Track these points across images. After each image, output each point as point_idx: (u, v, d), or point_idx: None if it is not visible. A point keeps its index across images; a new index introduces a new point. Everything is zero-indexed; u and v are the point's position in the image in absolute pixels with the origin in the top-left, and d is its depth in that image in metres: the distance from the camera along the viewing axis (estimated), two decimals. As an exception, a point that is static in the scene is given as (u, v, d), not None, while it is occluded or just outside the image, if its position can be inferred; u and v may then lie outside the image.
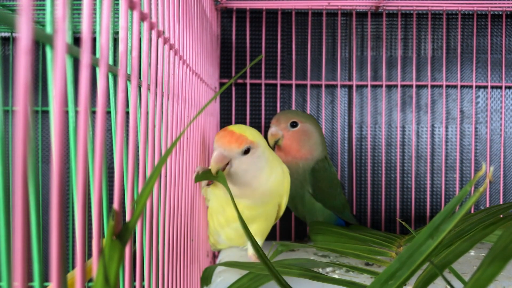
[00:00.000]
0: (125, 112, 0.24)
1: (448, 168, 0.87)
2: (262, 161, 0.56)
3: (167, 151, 0.23)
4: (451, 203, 0.28)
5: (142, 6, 0.29)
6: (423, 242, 0.28)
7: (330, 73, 0.87)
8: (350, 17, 0.86)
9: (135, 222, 0.22)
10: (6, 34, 0.83)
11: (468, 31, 0.87)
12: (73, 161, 0.22)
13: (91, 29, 0.20)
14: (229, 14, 0.86)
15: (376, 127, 0.87)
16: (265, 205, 0.60)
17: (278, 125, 0.72)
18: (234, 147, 0.52)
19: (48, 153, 0.84)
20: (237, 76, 0.25)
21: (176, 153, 0.41)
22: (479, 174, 0.25)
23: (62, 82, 0.17)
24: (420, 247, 0.28)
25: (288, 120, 0.72)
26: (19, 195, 0.15)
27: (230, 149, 0.52)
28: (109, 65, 0.26)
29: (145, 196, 0.22)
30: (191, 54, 0.49)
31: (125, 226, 0.22)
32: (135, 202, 0.22)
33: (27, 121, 0.15)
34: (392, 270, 0.28)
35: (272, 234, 0.85)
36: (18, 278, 0.16)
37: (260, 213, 0.60)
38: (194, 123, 0.52)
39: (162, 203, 0.36)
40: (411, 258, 0.28)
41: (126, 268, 0.26)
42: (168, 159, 0.38)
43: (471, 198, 0.25)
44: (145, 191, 0.22)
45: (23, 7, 0.15)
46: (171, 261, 0.39)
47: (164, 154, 0.22)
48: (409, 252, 0.28)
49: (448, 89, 0.87)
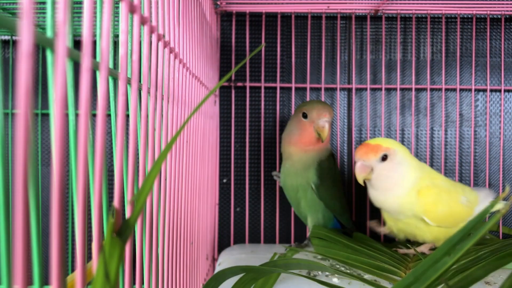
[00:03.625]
0: (125, 115, 0.24)
1: (448, 171, 0.87)
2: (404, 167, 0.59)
3: (167, 145, 0.23)
4: (471, 222, 0.28)
5: (143, 10, 0.29)
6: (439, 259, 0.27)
7: (329, 76, 0.87)
8: (349, 20, 0.87)
9: (135, 219, 0.22)
10: (6, 37, 0.84)
11: (467, 35, 0.87)
12: (73, 164, 0.22)
13: (91, 33, 0.20)
14: (229, 17, 0.86)
15: (375, 130, 0.87)
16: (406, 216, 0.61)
17: (330, 117, 0.69)
18: (371, 155, 0.58)
19: (48, 156, 0.84)
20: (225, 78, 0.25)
21: (176, 155, 0.41)
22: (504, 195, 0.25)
23: (62, 86, 0.18)
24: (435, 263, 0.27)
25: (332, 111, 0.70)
26: (20, 197, 0.15)
27: (368, 158, 0.59)
28: (110, 68, 0.26)
29: (145, 192, 0.22)
30: (191, 57, 0.49)
31: (125, 222, 0.22)
32: (135, 197, 0.22)
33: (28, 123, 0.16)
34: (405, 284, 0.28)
35: (272, 236, 0.85)
36: (18, 281, 0.16)
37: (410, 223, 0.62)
38: (194, 126, 0.52)
39: (162, 205, 0.36)
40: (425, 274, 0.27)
41: (126, 268, 0.26)
42: (168, 161, 0.38)
43: (492, 219, 0.25)
44: (145, 186, 0.22)
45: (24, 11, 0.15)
46: (171, 263, 0.39)
47: (164, 149, 0.23)
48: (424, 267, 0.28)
49: (447, 92, 0.87)
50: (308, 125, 0.69)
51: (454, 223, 0.62)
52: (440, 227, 0.61)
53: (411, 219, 0.61)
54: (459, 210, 0.62)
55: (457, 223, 0.62)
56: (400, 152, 0.60)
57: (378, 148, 0.59)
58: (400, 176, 0.59)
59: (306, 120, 0.69)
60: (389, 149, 0.59)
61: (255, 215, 0.86)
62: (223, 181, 0.86)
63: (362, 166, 0.59)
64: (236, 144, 0.86)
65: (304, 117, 0.69)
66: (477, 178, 0.87)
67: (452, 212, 0.61)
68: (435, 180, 0.62)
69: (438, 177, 0.63)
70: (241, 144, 0.86)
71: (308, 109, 0.69)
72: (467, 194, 0.64)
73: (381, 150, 0.59)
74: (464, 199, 0.63)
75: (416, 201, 0.60)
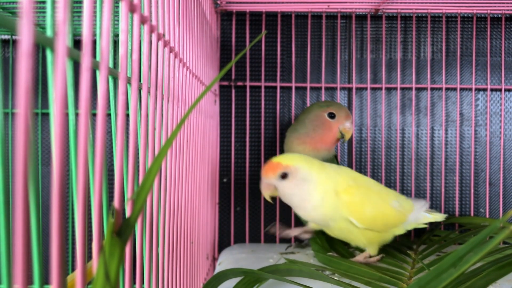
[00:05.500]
0: (125, 114, 0.24)
1: (448, 170, 0.87)
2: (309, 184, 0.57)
3: (167, 142, 0.23)
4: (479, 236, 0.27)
5: (143, 9, 0.29)
6: (445, 270, 0.27)
7: (329, 76, 0.87)
8: (349, 19, 0.87)
9: (135, 219, 0.22)
10: (6, 36, 0.84)
11: (467, 34, 0.87)
12: (74, 163, 0.22)
13: (91, 32, 0.20)
14: (229, 16, 0.86)
15: (375, 129, 0.87)
16: (335, 223, 0.59)
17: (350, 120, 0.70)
18: (270, 174, 0.58)
19: (48, 156, 0.84)
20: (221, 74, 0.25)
21: (176, 155, 0.41)
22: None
23: (62, 85, 0.18)
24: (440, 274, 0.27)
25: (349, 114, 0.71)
26: (20, 197, 0.15)
27: (268, 177, 0.58)
28: (110, 68, 0.26)
29: (146, 190, 0.22)
30: (191, 56, 0.49)
31: (125, 222, 0.22)
32: (135, 195, 0.22)
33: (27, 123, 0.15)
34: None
35: (272, 236, 0.85)
36: (18, 280, 0.16)
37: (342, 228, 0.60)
38: (194, 125, 0.52)
39: (162, 205, 0.36)
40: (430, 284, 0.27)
41: (126, 268, 0.26)
42: (168, 160, 0.38)
43: (499, 235, 0.24)
44: (146, 184, 0.22)
45: (24, 10, 0.15)
46: (171, 262, 0.39)
47: (164, 145, 0.22)
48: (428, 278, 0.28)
49: (448, 91, 0.87)
50: (334, 125, 0.70)
51: (385, 227, 0.60)
52: (373, 231, 0.59)
53: (341, 224, 0.58)
54: (389, 213, 0.59)
55: (389, 227, 0.60)
56: (304, 169, 0.57)
57: (277, 167, 0.57)
58: (305, 193, 0.57)
59: (333, 120, 0.70)
60: (288, 167, 0.57)
61: (255, 214, 0.86)
62: (223, 181, 0.86)
63: (264, 185, 0.59)
64: (236, 144, 0.86)
65: (331, 117, 0.70)
66: (478, 177, 0.87)
67: (382, 214, 0.59)
68: (359, 182, 0.60)
69: (364, 179, 0.61)
70: (241, 144, 0.86)
71: (336, 110, 0.70)
72: (400, 200, 0.62)
73: (279, 168, 0.57)
74: (396, 203, 0.60)
75: (339, 203, 0.57)
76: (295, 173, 0.57)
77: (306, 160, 0.59)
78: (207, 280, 0.47)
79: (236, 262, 0.66)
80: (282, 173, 0.57)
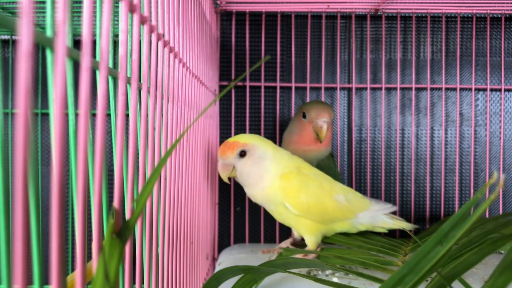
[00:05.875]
0: (125, 114, 0.24)
1: (448, 170, 0.87)
2: (266, 161, 0.58)
3: (167, 152, 0.23)
4: (461, 210, 0.27)
5: (142, 9, 0.29)
6: (432, 249, 0.27)
7: (329, 76, 0.87)
8: (349, 19, 0.87)
9: (135, 220, 0.22)
10: (6, 36, 0.84)
11: (467, 34, 0.87)
12: (73, 163, 0.22)
13: (91, 32, 0.20)
14: (229, 17, 0.86)
15: (375, 129, 0.87)
16: (276, 207, 0.60)
17: (330, 117, 0.69)
18: (229, 153, 0.58)
19: (48, 156, 0.84)
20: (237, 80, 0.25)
21: (176, 155, 0.41)
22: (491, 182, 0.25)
23: (62, 85, 0.18)
24: (428, 254, 0.27)
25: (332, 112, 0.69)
26: (19, 197, 0.15)
27: (226, 157, 0.58)
28: (109, 68, 0.26)
29: (146, 195, 0.22)
30: (191, 57, 0.49)
31: (125, 224, 0.22)
32: (135, 201, 0.22)
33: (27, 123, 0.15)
34: (400, 276, 0.28)
35: (272, 236, 0.85)
36: (18, 281, 0.16)
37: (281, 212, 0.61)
38: (194, 125, 0.52)
39: (162, 205, 0.36)
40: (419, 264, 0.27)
41: (126, 268, 0.26)
42: (168, 161, 0.38)
43: (481, 206, 0.25)
44: (146, 190, 0.22)
45: (24, 10, 0.15)
46: (171, 263, 0.39)
47: (164, 155, 0.22)
48: (417, 258, 0.28)
49: (448, 91, 0.87)
50: (307, 125, 0.70)
51: (323, 218, 0.59)
52: (312, 221, 0.59)
53: (279, 208, 0.59)
54: (330, 205, 0.59)
55: (330, 219, 0.60)
56: (261, 146, 0.58)
57: (235, 145, 0.58)
58: (262, 170, 0.58)
59: (305, 120, 0.70)
60: (246, 144, 0.58)
61: (255, 214, 0.86)
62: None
63: (222, 165, 0.59)
64: (236, 144, 0.86)
65: (304, 117, 0.70)
66: (477, 177, 0.87)
67: (321, 205, 0.59)
68: (304, 170, 0.60)
69: (311, 171, 0.61)
70: (241, 144, 0.86)
71: (307, 109, 0.70)
72: (351, 196, 0.61)
73: (237, 146, 0.58)
74: (341, 197, 0.60)
75: (278, 188, 0.58)
76: (253, 150, 0.58)
77: (261, 139, 0.60)
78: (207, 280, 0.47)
79: (236, 262, 0.66)
80: (241, 151, 0.58)
